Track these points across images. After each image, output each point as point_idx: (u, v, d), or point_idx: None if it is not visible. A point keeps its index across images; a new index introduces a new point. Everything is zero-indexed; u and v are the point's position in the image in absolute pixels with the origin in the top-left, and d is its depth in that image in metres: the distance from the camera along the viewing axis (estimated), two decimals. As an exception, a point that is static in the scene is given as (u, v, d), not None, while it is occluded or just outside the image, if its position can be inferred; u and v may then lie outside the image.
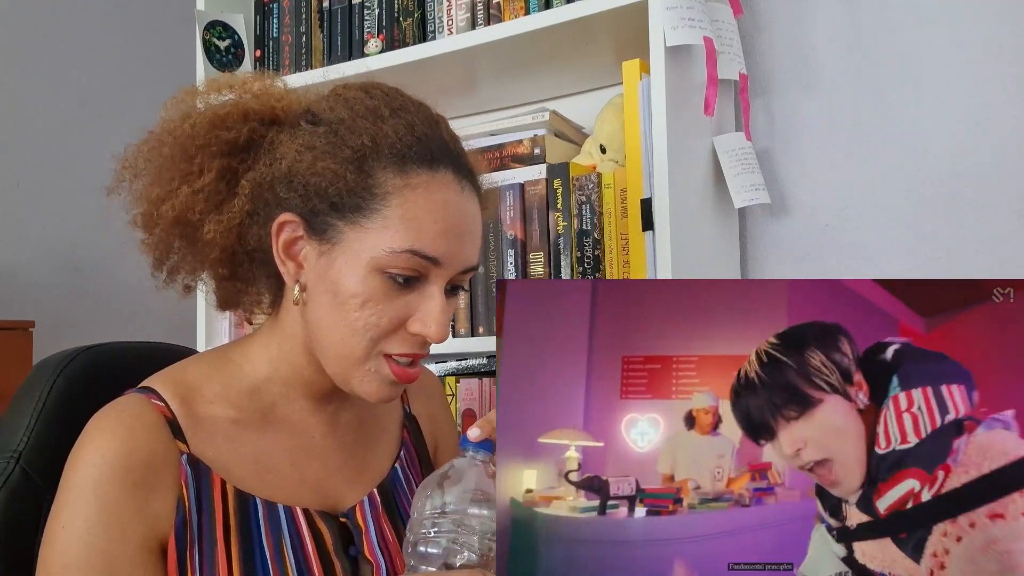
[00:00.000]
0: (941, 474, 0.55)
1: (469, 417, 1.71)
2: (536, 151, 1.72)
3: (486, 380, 1.73)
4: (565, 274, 1.64)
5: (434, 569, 0.84)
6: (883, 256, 1.67)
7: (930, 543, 0.50)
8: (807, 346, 0.62)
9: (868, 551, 0.56)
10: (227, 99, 0.98)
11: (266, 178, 0.94)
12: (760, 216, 1.78)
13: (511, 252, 1.69)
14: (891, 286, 0.73)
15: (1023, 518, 0.50)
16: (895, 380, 0.59)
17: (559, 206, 1.66)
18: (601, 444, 0.72)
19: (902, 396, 0.59)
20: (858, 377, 0.61)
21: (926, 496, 0.53)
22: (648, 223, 1.52)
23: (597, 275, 1.60)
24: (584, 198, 1.63)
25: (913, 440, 0.57)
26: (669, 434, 0.68)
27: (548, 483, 0.72)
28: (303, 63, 1.98)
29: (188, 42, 2.03)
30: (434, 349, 1.75)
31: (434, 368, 1.80)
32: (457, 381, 1.74)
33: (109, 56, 2.63)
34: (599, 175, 1.64)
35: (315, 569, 0.93)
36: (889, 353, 0.60)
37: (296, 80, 1.92)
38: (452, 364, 1.82)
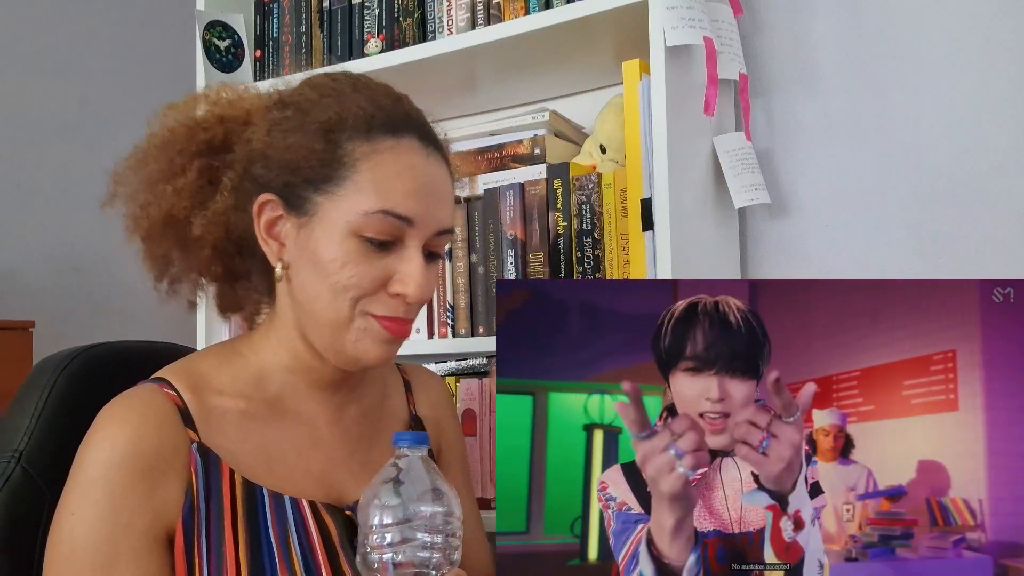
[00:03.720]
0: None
1: (469, 417, 1.71)
2: (536, 151, 1.72)
3: (486, 380, 1.73)
4: (565, 274, 1.64)
5: None
6: (883, 256, 1.67)
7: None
8: None
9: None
10: (202, 109, 1.05)
11: (243, 164, 0.99)
12: (760, 216, 1.78)
13: (511, 252, 1.69)
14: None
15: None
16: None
17: (559, 206, 1.66)
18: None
19: None
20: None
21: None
22: (648, 223, 1.52)
23: (597, 275, 1.60)
24: (584, 198, 1.63)
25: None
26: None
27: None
28: (303, 63, 1.98)
29: (188, 42, 2.03)
30: (434, 349, 1.75)
31: (434, 368, 1.80)
32: (457, 381, 1.74)
33: (109, 56, 2.63)
34: (599, 175, 1.64)
35: (320, 559, 0.95)
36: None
37: (296, 80, 1.92)
38: (452, 364, 1.82)
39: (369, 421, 1.08)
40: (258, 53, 2.06)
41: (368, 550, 0.84)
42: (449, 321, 1.75)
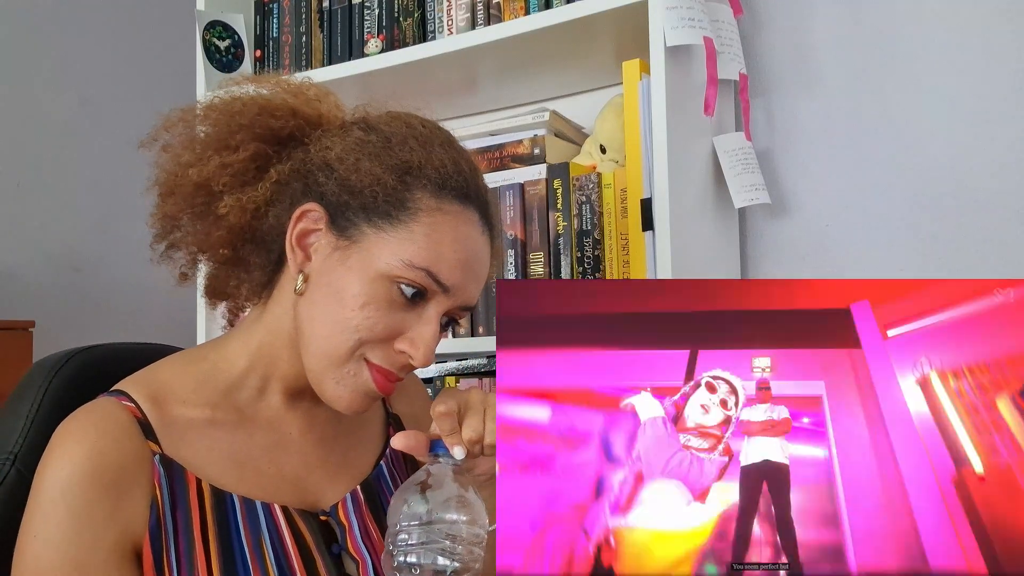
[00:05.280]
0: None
1: (469, 417, 1.70)
2: (536, 151, 1.72)
3: (486, 380, 1.73)
4: (565, 274, 1.63)
5: None
6: (883, 256, 1.67)
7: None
8: None
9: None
10: (277, 94, 1.01)
11: (303, 164, 0.96)
12: (760, 216, 1.78)
13: (511, 252, 1.69)
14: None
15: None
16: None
17: (559, 206, 1.65)
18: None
19: None
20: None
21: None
22: (648, 223, 1.52)
23: (597, 275, 1.60)
24: (584, 198, 1.63)
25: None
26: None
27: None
28: (303, 63, 1.98)
29: (188, 42, 2.03)
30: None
31: (434, 368, 1.80)
32: (457, 381, 1.74)
33: (109, 56, 2.63)
34: (599, 175, 1.64)
35: (296, 566, 0.92)
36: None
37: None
38: (452, 364, 1.82)
39: (343, 423, 1.05)
40: (258, 53, 2.06)
41: (391, 549, 0.85)
42: (449, 321, 1.74)
